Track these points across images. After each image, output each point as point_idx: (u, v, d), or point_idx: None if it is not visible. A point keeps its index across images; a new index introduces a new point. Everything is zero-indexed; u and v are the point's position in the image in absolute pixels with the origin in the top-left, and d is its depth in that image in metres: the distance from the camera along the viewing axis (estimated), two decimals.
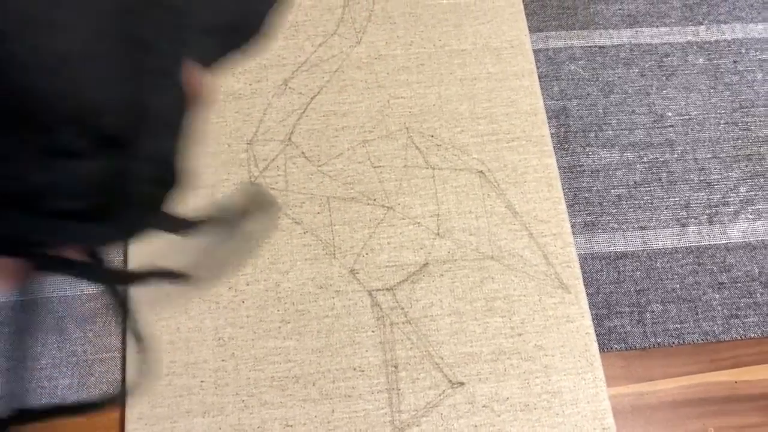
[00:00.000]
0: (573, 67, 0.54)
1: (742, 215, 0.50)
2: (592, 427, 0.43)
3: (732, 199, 0.51)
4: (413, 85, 0.52)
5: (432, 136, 0.50)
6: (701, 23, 0.56)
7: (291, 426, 0.42)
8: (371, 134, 0.50)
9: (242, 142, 0.49)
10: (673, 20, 0.56)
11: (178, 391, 0.42)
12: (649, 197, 0.51)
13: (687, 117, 0.53)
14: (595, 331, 0.46)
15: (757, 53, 0.56)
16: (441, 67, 0.52)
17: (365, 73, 0.52)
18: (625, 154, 0.52)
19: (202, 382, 0.43)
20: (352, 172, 0.49)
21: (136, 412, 0.41)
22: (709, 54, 0.55)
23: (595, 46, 0.55)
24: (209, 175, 0.48)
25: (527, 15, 0.55)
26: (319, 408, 0.42)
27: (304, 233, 0.47)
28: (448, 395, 0.43)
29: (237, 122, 0.50)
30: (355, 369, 0.43)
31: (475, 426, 0.42)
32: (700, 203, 0.51)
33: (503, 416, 0.43)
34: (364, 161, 0.49)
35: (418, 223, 0.48)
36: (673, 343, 0.47)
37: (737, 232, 0.50)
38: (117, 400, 0.36)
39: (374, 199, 0.48)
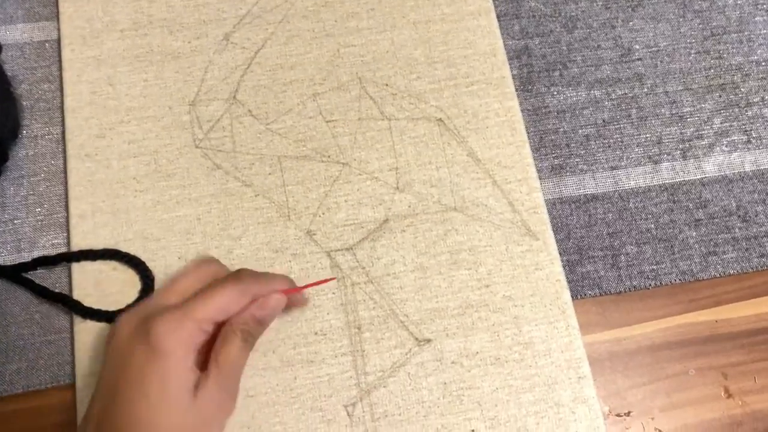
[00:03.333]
0: (533, 4, 0.51)
1: (717, 148, 0.48)
2: (567, 376, 0.41)
3: (706, 131, 0.48)
4: (364, 32, 0.49)
5: (386, 84, 0.47)
6: None
7: (252, 396, 0.40)
8: (322, 87, 0.47)
9: (184, 103, 0.46)
10: None
11: None
12: (618, 135, 0.48)
13: (656, 49, 0.50)
14: (568, 278, 0.44)
15: None
16: (393, 11, 0.49)
17: (312, 22, 0.49)
18: (592, 92, 0.49)
19: None
20: (303, 129, 0.46)
21: (87, 393, 0.39)
22: None
23: None
24: (151, 141, 0.45)
25: None
26: (280, 376, 0.40)
27: (256, 196, 0.44)
28: (414, 353, 0.41)
29: (177, 83, 0.47)
30: (316, 333, 0.41)
31: (445, 383, 0.41)
32: (673, 138, 0.48)
33: (473, 371, 0.41)
34: (316, 116, 0.46)
35: (376, 178, 0.45)
36: (650, 285, 0.45)
37: (712, 165, 0.48)
38: None
39: (328, 156, 0.45)
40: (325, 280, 0.41)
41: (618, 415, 0.42)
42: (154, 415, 0.32)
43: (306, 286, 0.40)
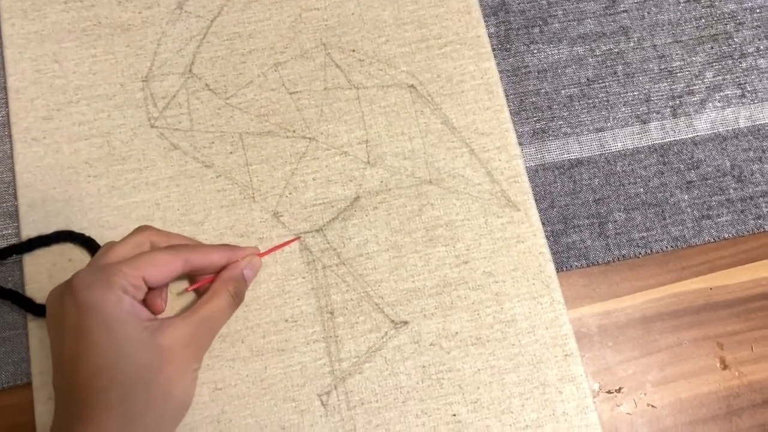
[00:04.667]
0: None
1: (710, 104, 0.45)
2: (553, 354, 0.39)
3: (697, 86, 0.45)
4: None
5: (353, 50, 0.44)
6: None
7: (221, 389, 0.38)
8: (283, 56, 0.44)
9: (137, 79, 0.43)
10: None
11: None
12: (604, 94, 0.45)
13: None
14: (552, 250, 0.41)
15: None
16: None
17: None
18: (574, 49, 0.46)
19: None
20: (265, 102, 0.43)
21: (45, 392, 0.37)
22: None
23: None
24: (103, 121, 0.42)
25: None
26: (250, 366, 0.38)
27: (217, 177, 0.41)
28: (391, 337, 0.39)
29: (128, 58, 0.43)
30: (287, 320, 0.39)
31: (423, 366, 0.38)
32: (662, 95, 0.45)
33: (453, 353, 0.39)
34: (278, 88, 0.43)
35: (345, 152, 0.42)
36: (640, 253, 0.42)
37: (705, 123, 0.45)
38: None
39: (293, 131, 0.42)
40: (290, 242, 0.40)
41: (609, 392, 0.40)
42: (108, 359, 0.31)
43: (273, 249, 0.39)
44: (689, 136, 0.44)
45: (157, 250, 0.35)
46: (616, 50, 0.46)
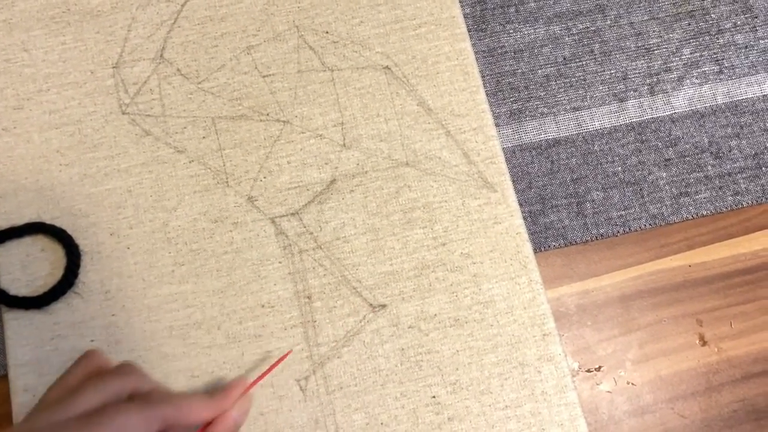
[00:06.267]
0: None
1: (687, 80, 0.45)
2: (531, 334, 0.39)
3: (675, 63, 0.45)
4: None
5: (327, 32, 0.43)
6: None
7: (197, 376, 0.38)
8: (256, 38, 0.43)
9: (107, 66, 0.42)
10: None
11: (66, 354, 0.38)
12: (581, 73, 0.45)
13: None
14: (530, 230, 0.41)
15: None
16: None
17: None
18: (551, 28, 0.45)
19: (92, 341, 0.38)
20: (238, 86, 0.42)
21: (20, 383, 0.37)
22: None
23: None
24: (73, 109, 0.41)
25: None
26: (226, 353, 0.38)
27: (190, 162, 0.41)
28: (369, 320, 0.39)
29: (99, 44, 0.43)
30: (263, 306, 0.39)
31: (402, 349, 0.38)
32: (640, 73, 0.45)
33: (432, 335, 0.38)
34: (251, 71, 0.43)
35: (321, 135, 0.42)
36: (618, 232, 0.42)
37: (682, 100, 0.44)
38: None
39: (267, 114, 0.42)
40: (282, 358, 0.37)
41: (588, 371, 0.40)
42: None
43: (265, 374, 0.36)
44: (667, 113, 0.44)
45: (129, 407, 0.30)
46: (593, 28, 0.45)
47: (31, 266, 0.39)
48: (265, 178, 0.41)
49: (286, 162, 0.41)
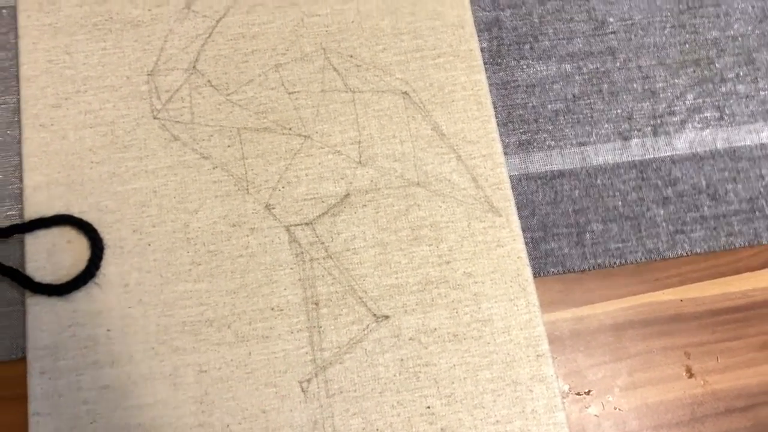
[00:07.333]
0: None
1: (689, 124, 0.47)
2: (526, 354, 0.40)
3: (678, 107, 0.47)
4: (329, 1, 0.47)
5: (351, 56, 0.46)
6: None
7: (205, 371, 0.39)
8: (284, 57, 0.46)
9: (142, 73, 0.45)
10: None
11: (83, 341, 0.40)
12: (588, 111, 0.47)
13: (630, 22, 0.49)
14: (531, 255, 0.43)
15: None
16: None
17: None
18: (563, 66, 0.48)
19: (108, 331, 0.40)
20: (264, 100, 0.45)
21: (38, 366, 0.39)
22: None
23: None
24: (108, 111, 0.44)
25: None
26: (234, 351, 0.40)
27: (214, 168, 0.43)
28: (372, 330, 0.41)
29: (136, 52, 0.45)
30: (273, 309, 0.41)
31: (401, 359, 0.40)
32: (644, 114, 0.47)
33: (431, 348, 0.40)
34: (278, 87, 0.45)
35: (338, 151, 0.44)
36: (615, 263, 0.44)
37: (684, 142, 0.47)
38: None
39: (290, 128, 0.44)
40: None
41: (578, 394, 0.42)
42: None
43: None
44: (668, 154, 0.46)
45: None
46: (603, 69, 0.48)
47: (57, 255, 0.41)
48: (283, 188, 0.43)
49: (304, 174, 0.43)
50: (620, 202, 0.45)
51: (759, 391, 0.42)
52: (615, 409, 0.41)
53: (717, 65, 0.49)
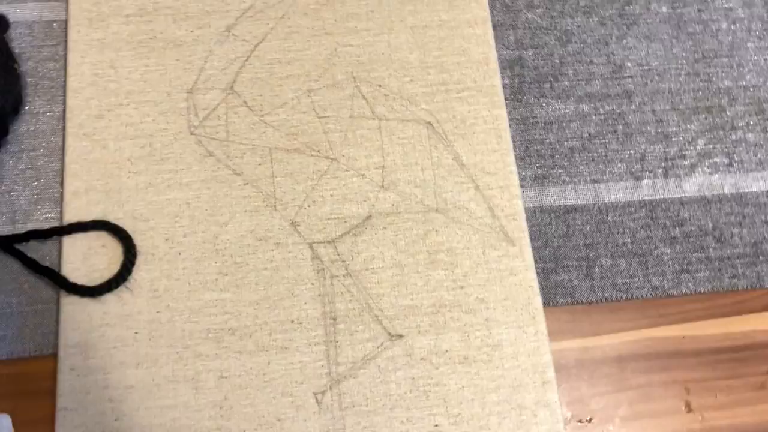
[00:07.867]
0: (530, 16, 0.52)
1: (699, 169, 0.49)
2: (532, 380, 0.42)
3: (689, 152, 0.50)
4: (362, 33, 0.50)
5: (380, 85, 0.49)
6: None
7: (225, 377, 0.41)
8: (317, 83, 0.48)
9: (182, 90, 0.48)
10: None
11: (112, 342, 0.42)
12: (603, 150, 0.49)
13: (647, 67, 0.52)
14: (542, 285, 0.45)
15: (723, 1, 0.53)
16: (391, 14, 0.51)
17: (312, 20, 0.50)
18: (580, 106, 0.50)
19: (135, 333, 0.42)
20: (296, 123, 0.47)
21: (68, 363, 0.41)
22: (672, 2, 0.53)
23: None
24: (147, 125, 0.47)
25: None
26: (254, 360, 0.42)
27: (245, 184, 0.46)
28: (386, 348, 0.43)
29: (177, 70, 0.48)
30: (293, 321, 0.43)
31: (413, 378, 0.42)
32: (656, 156, 0.49)
33: (441, 369, 0.42)
34: (309, 111, 0.48)
35: (363, 175, 0.46)
36: (621, 297, 0.46)
37: (693, 185, 0.49)
38: None
39: (318, 151, 0.47)
40: None
41: (580, 421, 0.43)
42: None
43: None
44: (677, 195, 0.48)
45: None
46: (618, 111, 0.50)
47: (92, 259, 0.43)
48: (309, 206, 0.45)
49: (329, 195, 0.46)
50: (629, 239, 0.47)
51: (755, 430, 0.44)
52: None
53: (728, 113, 0.51)
